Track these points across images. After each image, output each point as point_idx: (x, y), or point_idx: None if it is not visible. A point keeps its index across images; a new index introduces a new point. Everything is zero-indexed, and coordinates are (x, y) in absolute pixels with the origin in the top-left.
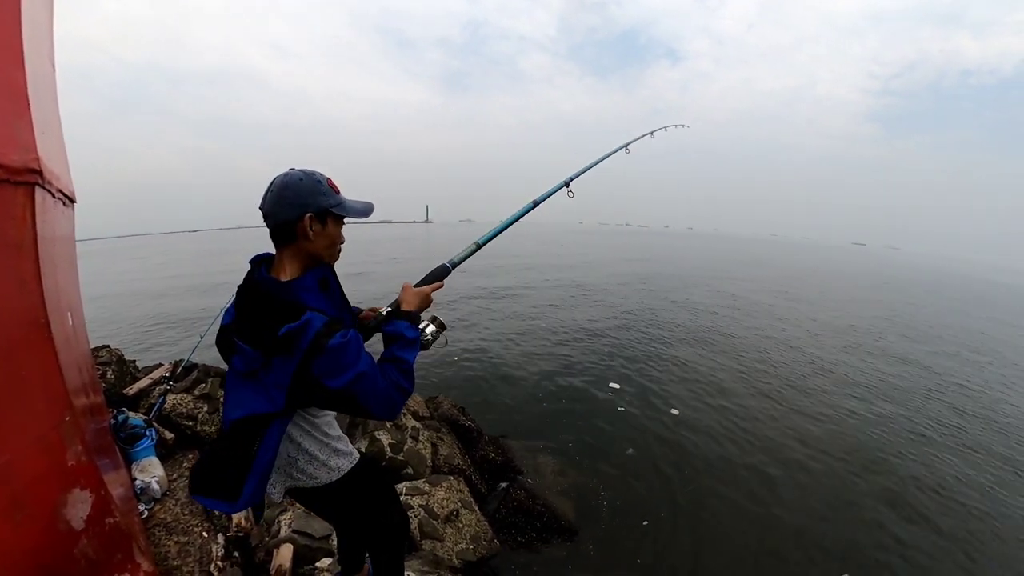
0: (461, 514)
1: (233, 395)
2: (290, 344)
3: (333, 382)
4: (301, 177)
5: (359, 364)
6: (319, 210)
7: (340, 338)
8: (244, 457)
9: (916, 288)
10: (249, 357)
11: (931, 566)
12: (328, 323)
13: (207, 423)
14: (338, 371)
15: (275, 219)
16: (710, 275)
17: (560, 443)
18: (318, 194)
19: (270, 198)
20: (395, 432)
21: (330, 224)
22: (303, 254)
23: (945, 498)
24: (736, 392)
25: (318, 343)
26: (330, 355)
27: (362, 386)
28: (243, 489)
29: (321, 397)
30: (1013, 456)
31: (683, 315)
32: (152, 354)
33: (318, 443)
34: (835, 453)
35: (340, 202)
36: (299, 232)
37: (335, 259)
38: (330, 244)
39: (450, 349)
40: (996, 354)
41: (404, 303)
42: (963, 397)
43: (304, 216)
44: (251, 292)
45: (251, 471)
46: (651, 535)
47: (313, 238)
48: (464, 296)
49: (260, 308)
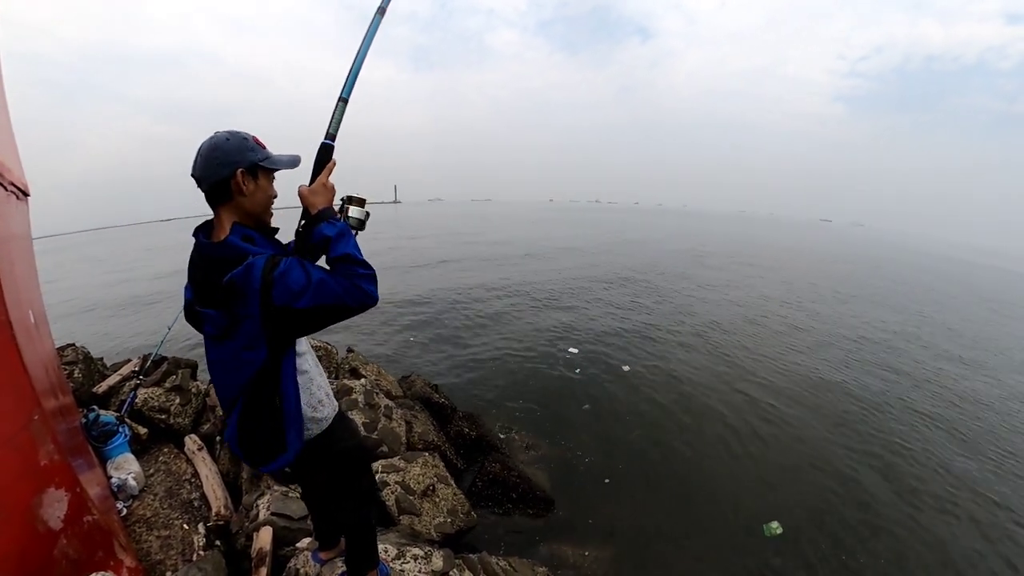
0: (437, 489)
1: (222, 363)
2: (241, 290)
3: (300, 302)
4: (227, 137)
5: (312, 276)
6: (249, 165)
7: (284, 265)
8: (273, 411)
9: (876, 260)
10: (214, 319)
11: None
12: (269, 258)
13: (180, 415)
14: (298, 292)
15: (208, 181)
16: (670, 248)
17: (528, 412)
18: (246, 150)
19: (200, 162)
20: (368, 411)
21: (261, 178)
22: (240, 211)
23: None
24: (680, 350)
25: (267, 279)
26: (282, 282)
27: (326, 291)
28: (287, 439)
29: (298, 322)
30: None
31: (642, 285)
32: (120, 350)
33: (304, 394)
34: (767, 399)
35: (268, 155)
36: (234, 189)
37: (270, 215)
38: (264, 199)
39: (422, 332)
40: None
41: (310, 207)
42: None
43: (236, 172)
44: (197, 260)
45: (286, 420)
46: (612, 493)
47: (248, 193)
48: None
49: (207, 271)
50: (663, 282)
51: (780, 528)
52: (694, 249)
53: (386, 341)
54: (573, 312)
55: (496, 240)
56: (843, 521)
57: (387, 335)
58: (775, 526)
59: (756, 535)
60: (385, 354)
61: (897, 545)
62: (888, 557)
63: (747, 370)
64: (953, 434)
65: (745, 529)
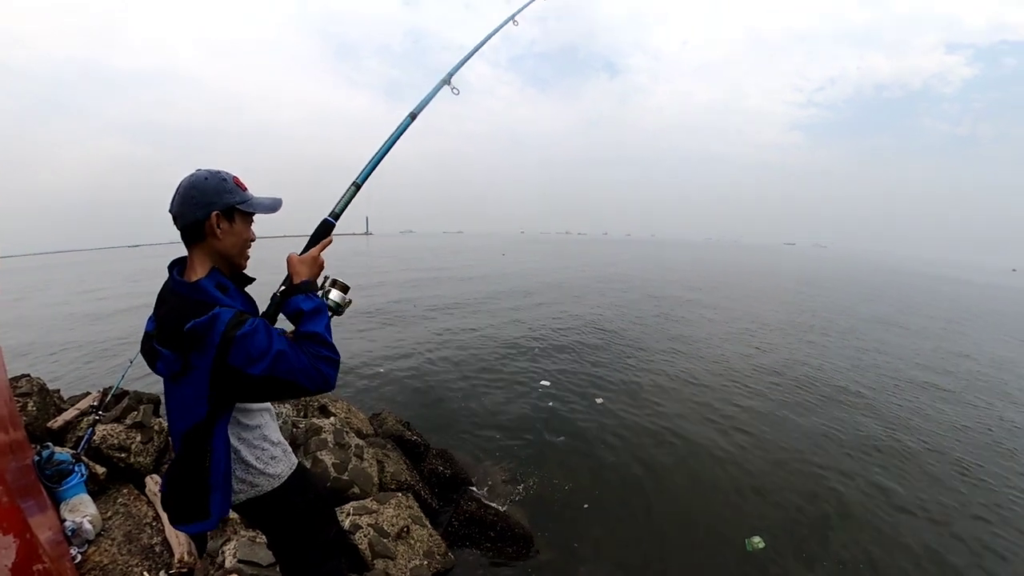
0: (412, 530)
1: (171, 406)
2: (200, 340)
3: (253, 369)
4: (206, 176)
5: (274, 345)
6: (225, 207)
7: (249, 326)
8: (200, 471)
9: (839, 279)
10: (169, 360)
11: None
12: (236, 315)
13: (141, 454)
14: (255, 357)
15: (183, 220)
16: (640, 277)
17: (503, 446)
18: (224, 192)
19: (177, 200)
20: (338, 451)
21: (238, 221)
22: (213, 253)
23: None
24: (652, 378)
25: (228, 335)
26: (242, 344)
27: (284, 365)
28: (210, 505)
29: (248, 388)
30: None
31: (613, 314)
32: (78, 383)
33: (256, 450)
34: (741, 420)
35: (247, 199)
36: (207, 231)
37: (246, 258)
38: (239, 242)
39: (393, 366)
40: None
41: (294, 275)
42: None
43: (211, 214)
44: (166, 296)
45: (211, 484)
46: (592, 521)
47: (221, 236)
48: (402, 310)
49: (173, 310)
50: (632, 311)
51: (763, 543)
52: (662, 277)
53: (355, 377)
54: (544, 344)
55: (465, 272)
56: (825, 533)
57: (357, 367)
58: (757, 540)
59: (739, 551)
60: (355, 390)
61: (881, 553)
62: (873, 566)
63: (719, 393)
64: (932, 444)
65: (727, 546)
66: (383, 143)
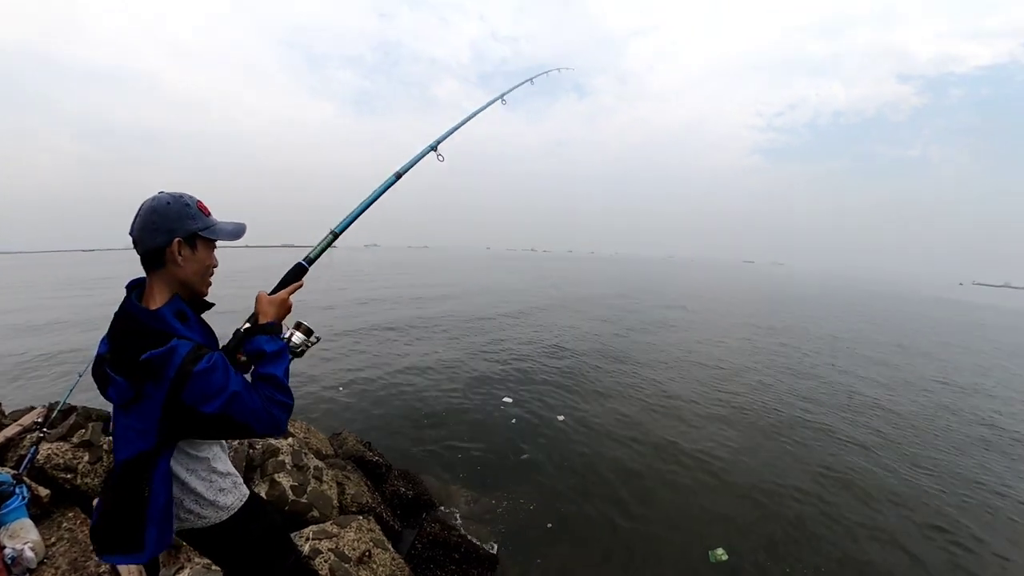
0: (374, 554)
1: (118, 433)
2: (155, 372)
3: (207, 407)
4: (169, 201)
5: (229, 385)
6: (188, 234)
7: (206, 362)
8: (137, 503)
9: (799, 297)
10: (121, 388)
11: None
12: (194, 349)
13: (89, 475)
14: (209, 396)
15: (144, 245)
16: (599, 293)
17: (466, 465)
18: (186, 218)
19: (138, 223)
20: (297, 473)
21: (200, 248)
22: (174, 280)
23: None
24: (613, 393)
25: (184, 370)
26: (198, 380)
27: (238, 407)
28: (145, 538)
29: (198, 425)
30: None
31: (573, 331)
32: (21, 396)
33: (204, 481)
34: (701, 434)
35: (209, 225)
36: (168, 258)
37: (207, 285)
38: (201, 269)
39: (352, 385)
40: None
41: (261, 315)
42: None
43: (173, 241)
44: (122, 320)
45: (148, 517)
46: (556, 539)
47: (182, 263)
48: (363, 328)
49: (128, 336)
50: (591, 329)
51: (726, 554)
52: (624, 294)
53: (314, 396)
54: (506, 362)
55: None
56: (785, 544)
57: (315, 389)
58: (720, 552)
59: (703, 563)
60: (314, 410)
61: (836, 566)
62: (833, 572)
63: (678, 411)
64: (889, 451)
65: (691, 558)
66: (366, 197)
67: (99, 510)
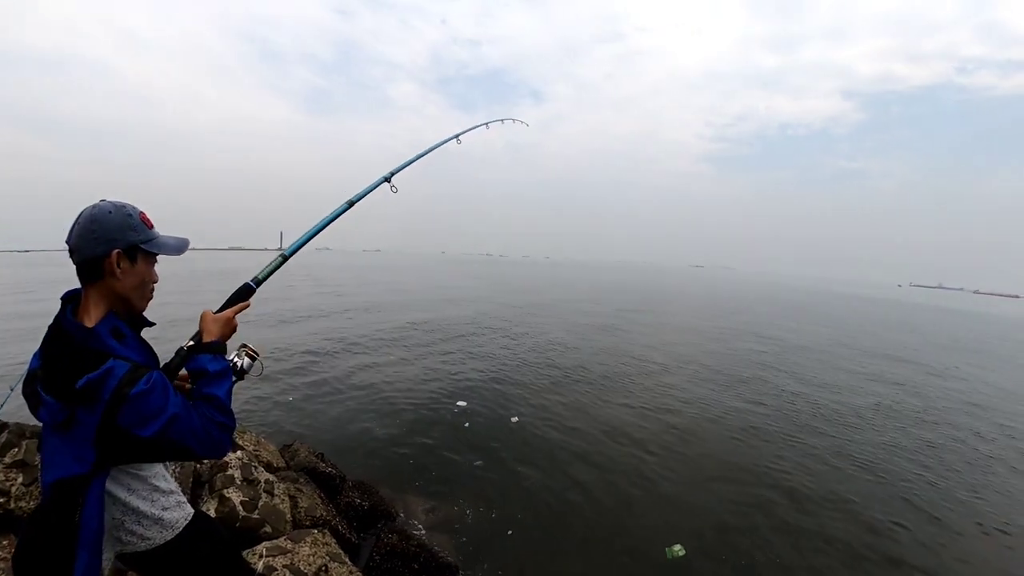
0: (331, 568)
1: (47, 454)
2: (89, 396)
3: (144, 431)
4: (110, 210)
5: (168, 408)
6: (128, 246)
7: (144, 384)
8: (67, 528)
9: (745, 299)
10: (53, 409)
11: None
12: (131, 370)
13: (23, 498)
14: (147, 419)
15: (80, 255)
16: (552, 298)
17: (422, 472)
18: (127, 229)
19: (76, 231)
20: (247, 488)
21: (140, 262)
22: (110, 294)
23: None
24: (565, 396)
25: (120, 392)
26: (135, 403)
27: (177, 430)
28: (75, 566)
29: (136, 449)
30: None
31: (523, 335)
32: None
33: (146, 500)
34: (653, 433)
35: (151, 238)
36: (106, 270)
37: (147, 300)
38: (140, 284)
39: (303, 395)
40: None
41: (205, 333)
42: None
43: (111, 252)
44: (55, 337)
45: (79, 543)
46: (516, 544)
47: (121, 277)
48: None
49: (62, 355)
50: (546, 332)
51: (683, 550)
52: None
53: (263, 405)
54: (459, 366)
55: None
56: (741, 537)
57: (265, 399)
58: (677, 548)
59: (660, 560)
60: (264, 421)
61: (793, 554)
62: (786, 568)
63: (629, 409)
64: (829, 442)
65: (650, 556)
66: (317, 223)
67: (23, 536)
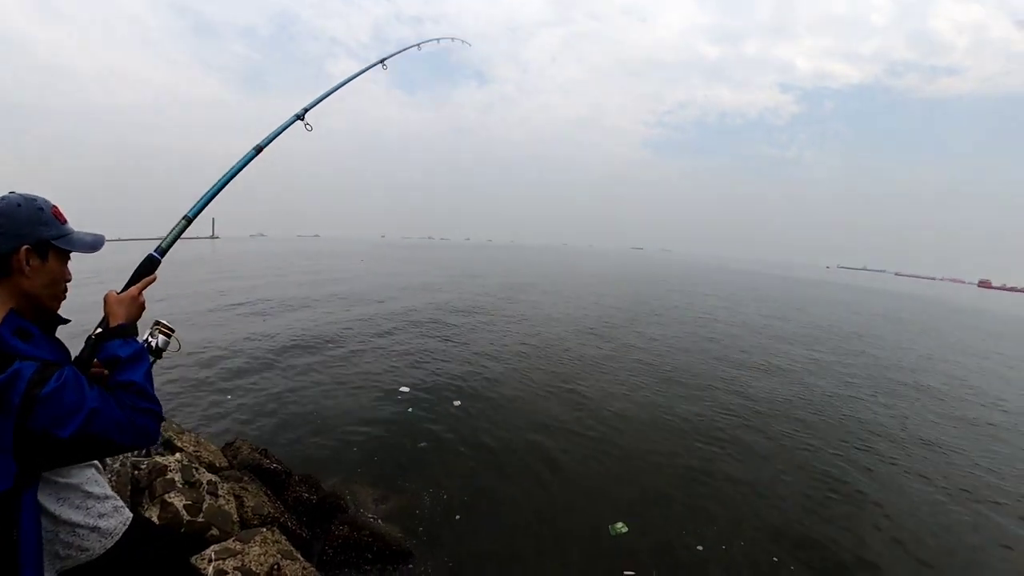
0: (284, 566)
1: None
2: (0, 403)
3: (62, 431)
4: (20, 203)
5: (86, 402)
6: (38, 242)
7: (55, 382)
8: (7, 547)
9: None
10: None
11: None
12: (39, 369)
13: None
14: (63, 418)
15: None
16: (493, 282)
17: (367, 460)
18: (38, 224)
19: None
20: (189, 491)
21: (52, 259)
22: (16, 292)
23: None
24: (506, 381)
25: (31, 394)
26: (47, 404)
27: (98, 424)
28: None
29: (58, 452)
30: None
31: (464, 320)
32: None
33: (80, 509)
34: (592, 411)
35: (64, 234)
36: (13, 266)
37: (60, 299)
38: (50, 282)
39: (242, 390)
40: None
41: (111, 317)
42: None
43: (20, 248)
44: None
45: (21, 562)
46: (464, 528)
47: (30, 274)
48: (248, 328)
49: None
50: (486, 316)
51: (625, 527)
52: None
53: (200, 403)
54: (400, 351)
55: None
56: (683, 513)
57: (202, 397)
58: (620, 526)
59: (604, 538)
60: (202, 418)
61: (732, 528)
62: (726, 541)
63: (570, 390)
64: (772, 426)
65: (595, 534)
66: (222, 175)
67: None
